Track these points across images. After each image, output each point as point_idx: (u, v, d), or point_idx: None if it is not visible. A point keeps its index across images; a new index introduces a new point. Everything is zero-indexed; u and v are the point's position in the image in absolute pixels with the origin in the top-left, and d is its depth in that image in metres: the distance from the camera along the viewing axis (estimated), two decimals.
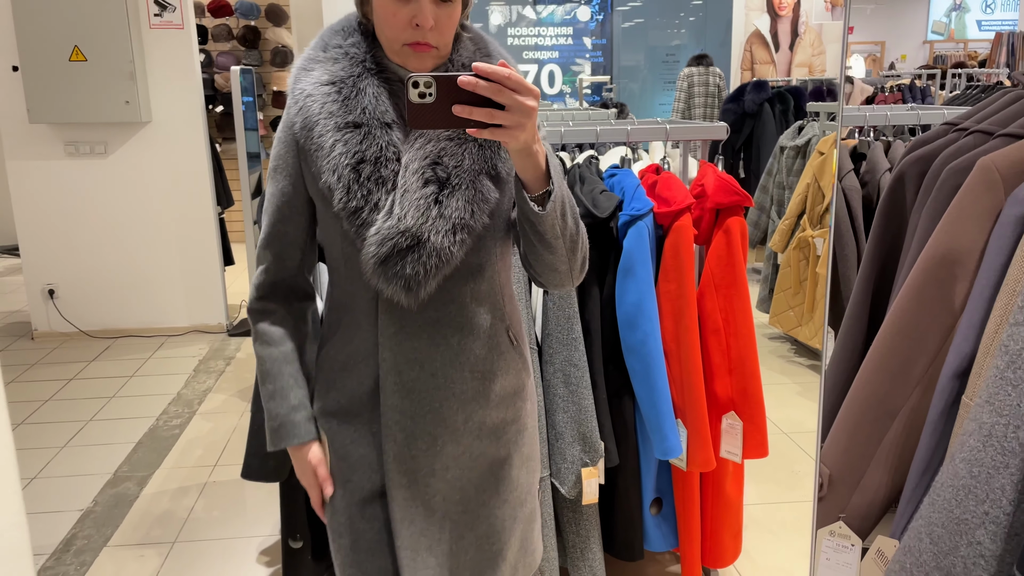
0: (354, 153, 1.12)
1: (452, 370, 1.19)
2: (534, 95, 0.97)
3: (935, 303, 1.09)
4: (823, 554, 1.20)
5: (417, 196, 1.11)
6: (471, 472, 1.25)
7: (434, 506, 1.23)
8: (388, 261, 1.10)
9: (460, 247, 1.12)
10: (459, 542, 1.26)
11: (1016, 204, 1.01)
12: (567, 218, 1.11)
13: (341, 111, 1.13)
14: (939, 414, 1.06)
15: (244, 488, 2.89)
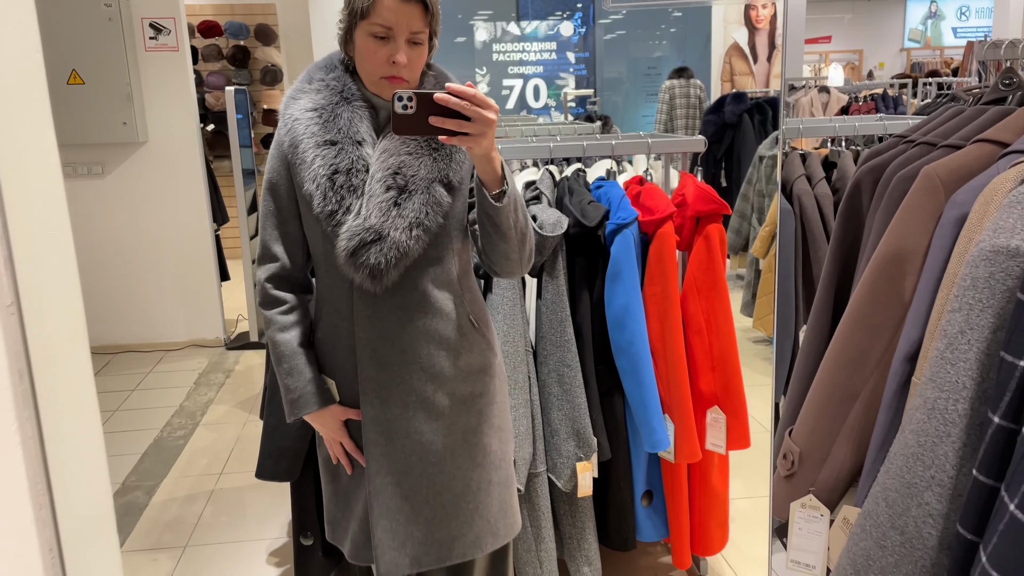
0: (330, 165, 1.37)
1: (419, 347, 1.43)
2: (494, 110, 1.22)
3: (887, 296, 1.22)
4: (795, 524, 1.33)
5: (380, 200, 1.36)
6: (446, 438, 1.48)
7: (411, 464, 1.47)
8: (356, 253, 1.35)
9: (416, 242, 1.36)
10: (437, 498, 1.48)
11: (954, 207, 1.15)
12: (518, 213, 1.36)
13: (320, 131, 1.39)
14: (892, 394, 1.19)
15: (251, 494, 2.99)
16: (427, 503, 1.48)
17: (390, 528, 1.47)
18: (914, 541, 1.10)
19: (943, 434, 1.06)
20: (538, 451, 2.10)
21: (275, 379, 2.05)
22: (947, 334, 1.06)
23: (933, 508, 1.09)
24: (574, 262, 2.11)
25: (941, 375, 1.07)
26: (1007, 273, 0.99)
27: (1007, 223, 1.02)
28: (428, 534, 1.49)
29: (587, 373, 2.12)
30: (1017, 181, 1.08)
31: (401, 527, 1.48)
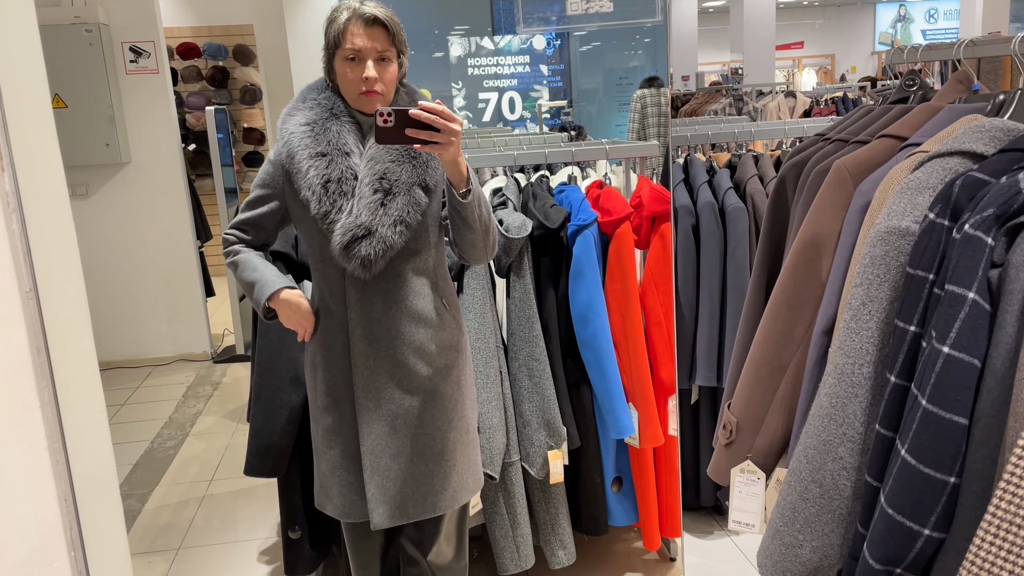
0: (322, 175, 1.59)
1: (402, 325, 1.66)
2: (458, 123, 1.46)
3: (806, 278, 1.36)
4: (736, 488, 1.46)
5: (369, 201, 1.58)
6: (426, 403, 1.69)
7: (396, 427, 1.68)
8: (349, 247, 1.57)
9: (400, 236, 1.59)
10: (420, 457, 1.70)
11: (860, 196, 1.29)
12: (482, 208, 1.60)
13: (313, 143, 1.61)
14: (813, 364, 1.33)
15: (241, 498, 3.09)
16: (412, 461, 1.69)
17: (381, 484, 1.68)
18: (831, 492, 1.22)
19: (851, 395, 1.20)
20: (511, 441, 2.22)
21: (260, 380, 2.18)
22: (851, 306, 1.20)
23: (846, 462, 1.22)
24: (539, 262, 2.24)
25: (848, 343, 1.20)
26: (899, 251, 1.13)
27: (898, 207, 1.16)
28: (414, 489, 1.70)
29: (555, 366, 2.25)
30: (910, 170, 1.22)
31: (391, 483, 1.68)
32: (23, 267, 0.75)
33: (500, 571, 2.26)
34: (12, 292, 0.74)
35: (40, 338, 0.77)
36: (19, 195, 0.75)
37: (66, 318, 0.81)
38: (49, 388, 0.78)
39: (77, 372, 0.83)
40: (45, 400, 0.77)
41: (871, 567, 1.07)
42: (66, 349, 0.81)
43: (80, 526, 0.81)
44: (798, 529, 1.25)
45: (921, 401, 1.02)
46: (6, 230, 0.73)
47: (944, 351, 0.98)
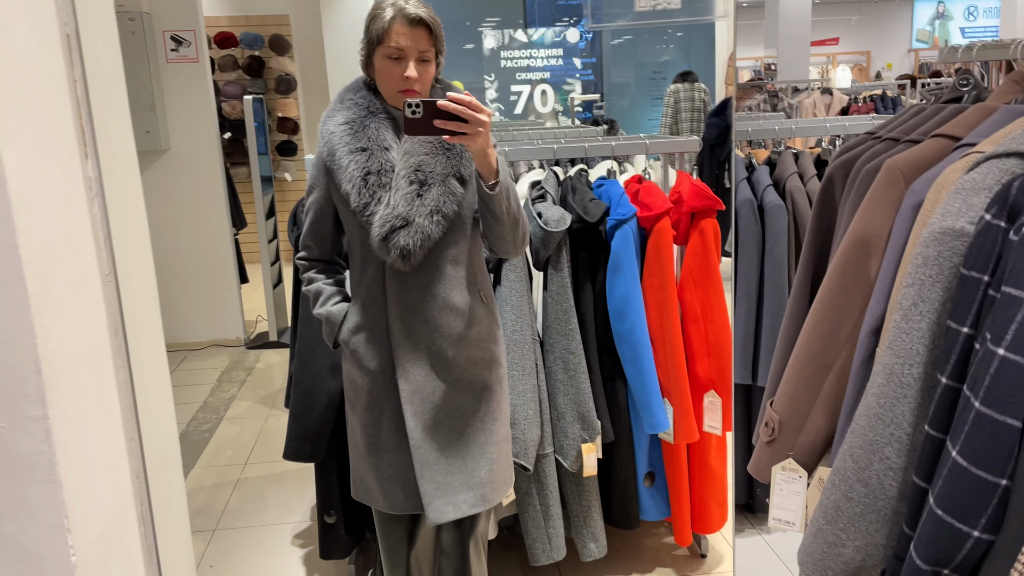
0: (362, 168, 1.63)
1: (440, 317, 1.67)
2: (486, 114, 1.48)
3: (855, 277, 1.35)
4: (777, 486, 1.46)
5: (405, 192, 1.61)
6: (465, 396, 1.72)
7: (440, 420, 1.70)
8: (388, 238, 1.59)
9: (437, 226, 1.61)
10: (466, 450, 1.72)
11: (912, 195, 1.28)
12: (510, 200, 1.61)
13: (352, 140, 1.65)
14: (860, 364, 1.32)
15: (275, 482, 3.14)
16: (459, 455, 1.71)
17: (434, 479, 1.69)
18: (877, 492, 1.22)
19: (900, 396, 1.19)
20: (545, 434, 2.23)
21: (300, 367, 2.21)
22: (902, 307, 1.20)
23: (893, 462, 1.21)
24: (577, 256, 2.25)
25: (898, 343, 1.20)
26: (953, 251, 1.13)
27: (953, 207, 1.16)
28: (463, 482, 1.72)
29: (591, 360, 2.26)
30: (964, 170, 1.21)
31: (442, 478, 1.70)
32: (103, 251, 0.78)
33: (532, 561, 2.28)
34: (93, 275, 0.77)
35: (118, 319, 0.80)
36: (101, 181, 0.78)
37: (139, 301, 0.84)
38: (125, 368, 0.81)
39: (148, 353, 0.85)
40: (121, 380, 0.80)
41: (918, 567, 1.06)
42: (139, 331, 0.84)
43: (151, 502, 0.84)
44: (841, 528, 1.25)
45: (974, 403, 1.01)
46: (88, 215, 0.76)
47: (1000, 353, 0.98)
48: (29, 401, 0.68)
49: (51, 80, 0.73)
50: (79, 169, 0.76)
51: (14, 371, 0.67)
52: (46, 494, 0.69)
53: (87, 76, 0.79)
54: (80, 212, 0.75)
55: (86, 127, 0.77)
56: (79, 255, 0.75)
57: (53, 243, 0.72)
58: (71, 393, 0.73)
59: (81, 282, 0.75)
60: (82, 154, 0.76)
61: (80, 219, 0.75)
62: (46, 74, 0.72)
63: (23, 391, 0.67)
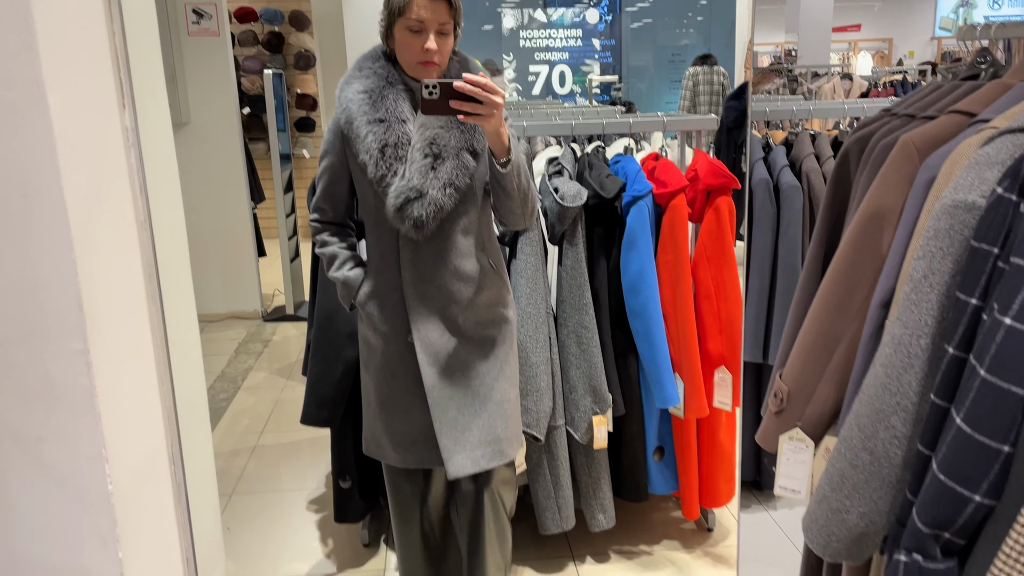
0: (380, 140, 1.67)
1: (451, 283, 1.73)
2: (500, 95, 1.53)
3: (867, 251, 1.37)
4: (783, 455, 1.48)
5: (420, 164, 1.65)
6: (478, 357, 1.79)
7: (455, 380, 1.77)
8: (402, 208, 1.65)
9: (450, 198, 1.66)
10: (482, 408, 1.78)
11: (926, 171, 1.29)
12: (521, 177, 1.68)
13: (371, 111, 1.68)
14: (869, 337, 1.34)
15: (290, 450, 3.20)
16: (475, 413, 1.78)
17: (452, 435, 1.76)
18: (882, 460, 1.24)
19: (907, 366, 1.21)
20: (557, 406, 2.27)
21: (319, 334, 2.25)
22: (912, 279, 1.21)
23: (898, 431, 1.23)
24: (592, 231, 2.27)
25: (907, 314, 1.22)
26: (964, 224, 1.14)
27: (966, 181, 1.17)
28: (480, 438, 1.78)
29: (603, 334, 2.28)
30: (979, 145, 1.22)
31: (460, 434, 1.76)
32: (139, 199, 0.81)
33: (541, 531, 2.32)
34: (130, 222, 0.80)
35: (152, 266, 0.84)
36: (137, 131, 0.81)
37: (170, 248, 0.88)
38: (159, 312, 0.84)
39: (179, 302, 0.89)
40: (155, 325, 0.84)
41: (919, 530, 1.09)
42: (170, 277, 0.87)
43: (180, 443, 0.88)
44: (846, 495, 1.28)
45: (979, 371, 1.03)
46: (126, 163, 0.79)
47: (1006, 322, 1.00)
48: (71, 335, 0.72)
49: (92, 30, 0.76)
50: (117, 118, 0.79)
51: (58, 306, 0.71)
52: (86, 424, 0.73)
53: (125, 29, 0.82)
54: (118, 160, 0.79)
55: (124, 78, 0.80)
56: (117, 201, 0.79)
57: (93, 188, 0.76)
58: (109, 332, 0.77)
59: (118, 227, 0.78)
60: (120, 104, 0.79)
61: (118, 167, 0.79)
62: (87, 24, 0.75)
63: (65, 325, 0.71)
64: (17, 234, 0.69)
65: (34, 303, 0.71)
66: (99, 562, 0.75)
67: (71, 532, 0.75)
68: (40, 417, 0.73)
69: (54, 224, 0.69)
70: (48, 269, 0.70)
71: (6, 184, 0.69)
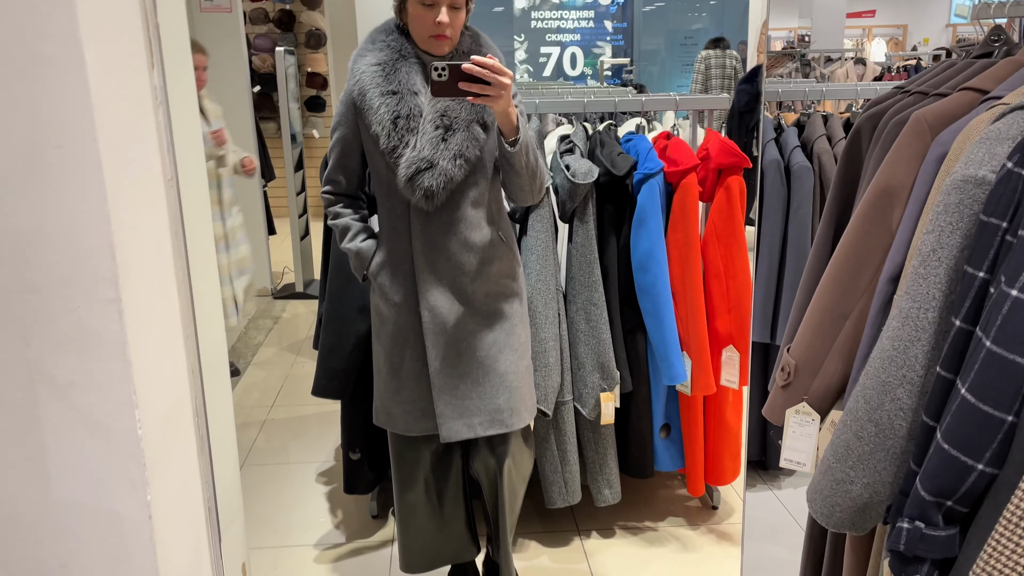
0: (392, 111, 1.69)
1: (461, 254, 1.77)
2: (508, 76, 1.56)
3: (877, 227, 1.38)
4: (790, 428, 1.50)
5: (431, 136, 1.68)
6: (487, 329, 1.82)
7: (461, 350, 1.81)
8: (413, 179, 1.67)
9: (460, 170, 1.69)
10: (486, 378, 1.82)
11: (937, 147, 1.30)
12: (529, 156, 1.71)
13: (384, 82, 1.71)
14: (877, 311, 1.36)
15: (300, 423, 3.24)
16: (477, 382, 1.80)
17: (450, 402, 1.80)
18: (886, 432, 1.26)
19: (914, 339, 1.23)
20: (565, 382, 2.29)
21: (330, 307, 2.28)
22: (921, 253, 1.23)
23: (904, 403, 1.25)
24: (603, 209, 2.28)
25: (915, 288, 1.23)
26: (974, 199, 1.15)
27: (976, 156, 1.18)
28: (480, 406, 1.81)
29: (612, 312, 2.30)
30: (990, 122, 1.23)
31: (458, 401, 1.80)
32: (167, 156, 0.83)
33: (548, 504, 2.35)
34: (158, 179, 0.83)
35: (178, 223, 0.86)
36: (165, 90, 0.83)
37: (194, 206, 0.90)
38: (184, 268, 0.86)
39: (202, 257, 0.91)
40: (181, 280, 0.86)
41: (922, 498, 1.11)
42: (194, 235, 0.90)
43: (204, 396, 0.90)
44: (850, 466, 1.29)
45: (985, 342, 1.05)
46: (154, 121, 0.82)
47: (1012, 294, 1.01)
48: (104, 283, 0.74)
49: None
50: (147, 77, 0.81)
51: (92, 254, 0.73)
52: (117, 370, 0.75)
53: None
54: (147, 118, 0.81)
55: (152, 38, 0.82)
56: (146, 158, 0.81)
57: (124, 143, 0.78)
58: (140, 283, 0.79)
59: (147, 184, 0.81)
60: (149, 63, 0.81)
61: (147, 124, 0.81)
62: None
63: (99, 273, 0.73)
64: (53, 184, 0.72)
65: (68, 251, 0.73)
66: (128, 505, 0.78)
67: (102, 475, 0.78)
68: (73, 362, 0.75)
69: (88, 175, 0.71)
70: (82, 218, 0.72)
71: (43, 135, 0.71)
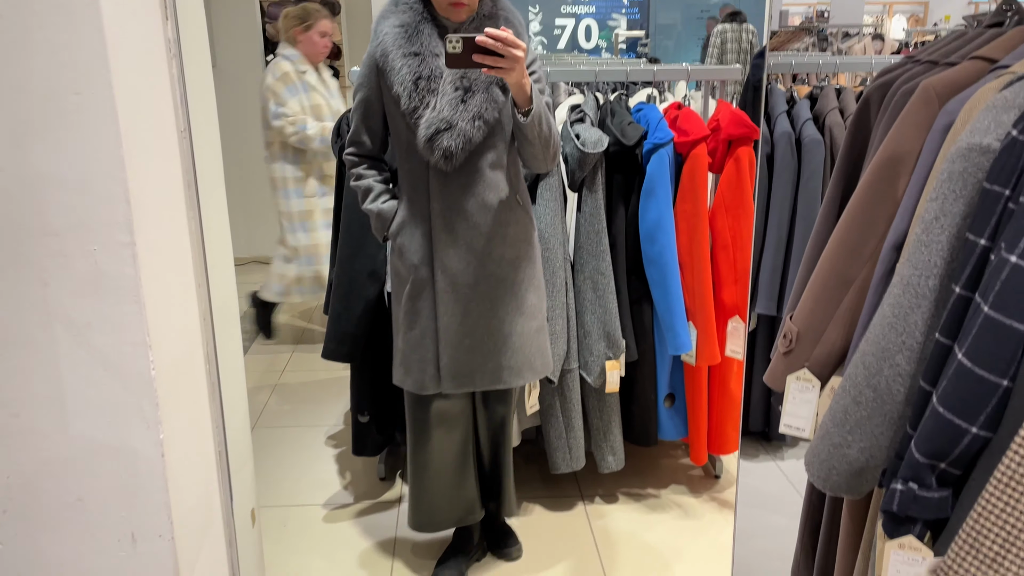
0: (414, 72, 1.74)
1: (478, 215, 1.81)
2: (521, 49, 1.58)
3: (882, 195, 1.39)
4: (790, 394, 1.52)
5: (450, 97, 1.72)
6: (496, 290, 1.85)
7: (470, 309, 1.86)
8: (433, 139, 1.72)
9: (478, 131, 1.73)
10: (490, 336, 1.88)
11: (944, 115, 1.30)
12: (542, 126, 1.74)
13: (406, 44, 1.75)
14: (879, 279, 1.37)
15: (310, 388, 3.29)
16: (482, 340, 1.86)
17: (455, 357, 1.86)
18: (884, 397, 1.28)
19: (915, 306, 1.24)
20: (571, 350, 2.32)
21: (340, 271, 2.31)
22: (924, 220, 1.23)
23: (902, 369, 1.26)
24: (612, 178, 2.29)
25: (916, 255, 1.24)
26: (978, 167, 1.16)
27: (982, 124, 1.18)
28: (483, 363, 1.88)
29: (619, 281, 2.32)
30: (998, 90, 1.23)
31: (463, 356, 1.86)
32: (180, 108, 0.85)
33: (552, 470, 2.39)
34: (171, 130, 0.85)
35: (191, 174, 0.88)
36: (179, 43, 0.85)
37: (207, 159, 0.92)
38: (196, 218, 0.89)
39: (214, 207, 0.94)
40: (193, 230, 0.89)
41: (916, 460, 1.13)
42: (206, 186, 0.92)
43: (215, 343, 0.93)
44: (848, 431, 1.31)
45: (983, 308, 1.06)
46: (167, 74, 0.83)
47: (1012, 260, 1.02)
48: (119, 228, 0.76)
49: None
50: (161, 29, 0.83)
51: (108, 199, 0.75)
52: (132, 312, 0.78)
53: None
54: (161, 69, 0.83)
55: None
56: (160, 109, 0.83)
57: (139, 91, 0.80)
58: (153, 229, 0.82)
59: (161, 134, 0.83)
60: (163, 16, 0.83)
61: (161, 76, 0.83)
62: None
63: (114, 218, 0.76)
64: (71, 129, 0.74)
65: (85, 196, 0.75)
66: (142, 442, 0.81)
67: (117, 414, 0.81)
68: (89, 303, 0.78)
69: (104, 121, 0.73)
70: (98, 163, 0.75)
71: (61, 81, 0.73)
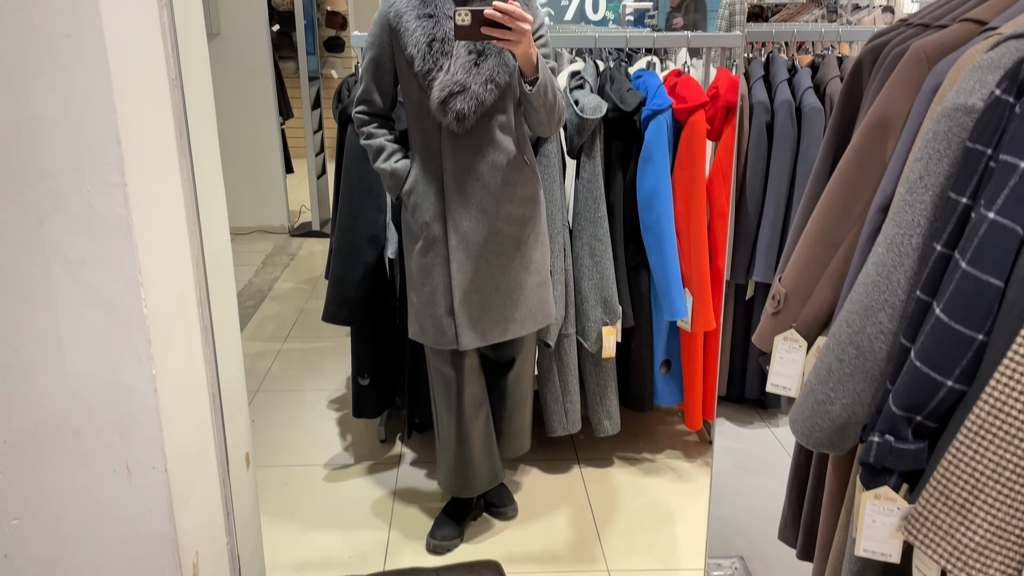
0: (428, 34, 1.78)
1: (488, 175, 1.87)
2: (528, 21, 1.63)
3: (871, 157, 1.40)
4: (777, 354, 1.55)
5: (464, 60, 1.77)
6: (504, 247, 1.91)
7: (479, 265, 1.93)
8: (446, 102, 1.77)
9: (491, 94, 1.79)
10: (497, 291, 1.93)
11: (933, 77, 1.31)
12: (548, 95, 1.79)
13: (421, 6, 1.79)
14: (866, 239, 1.39)
15: (313, 354, 3.33)
16: (491, 295, 1.94)
17: (468, 314, 1.93)
18: (867, 354, 1.30)
19: (898, 264, 1.26)
20: (569, 315, 2.34)
21: (340, 235, 2.33)
22: (909, 180, 1.25)
23: (885, 326, 1.29)
24: (611, 145, 2.31)
25: (900, 215, 1.26)
26: (962, 127, 1.17)
27: (968, 85, 1.19)
28: (493, 319, 1.95)
29: (616, 248, 2.34)
30: (985, 51, 1.24)
31: (475, 311, 1.94)
32: (171, 57, 0.87)
33: (548, 432, 2.43)
34: (162, 76, 0.87)
35: (182, 122, 0.90)
36: None
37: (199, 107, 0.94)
38: (188, 166, 0.91)
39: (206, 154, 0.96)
40: (185, 176, 0.91)
41: (893, 413, 1.15)
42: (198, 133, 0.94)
43: (208, 288, 0.96)
44: (831, 388, 1.34)
45: (961, 264, 1.08)
46: (158, 22, 0.86)
47: (989, 216, 1.04)
48: (111, 168, 0.79)
49: None
50: None
51: (99, 141, 0.78)
52: (124, 251, 0.81)
53: None
54: (151, 16, 0.85)
55: None
56: (151, 56, 0.85)
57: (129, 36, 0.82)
58: (144, 171, 0.84)
59: (152, 82, 0.85)
60: None
61: (151, 22, 0.85)
62: None
63: (106, 159, 0.78)
64: (62, 71, 0.76)
65: (77, 137, 0.78)
66: (135, 377, 0.84)
67: (111, 349, 0.84)
68: (83, 242, 0.81)
69: (95, 64, 0.76)
70: (90, 105, 0.77)
71: (53, 24, 0.76)
